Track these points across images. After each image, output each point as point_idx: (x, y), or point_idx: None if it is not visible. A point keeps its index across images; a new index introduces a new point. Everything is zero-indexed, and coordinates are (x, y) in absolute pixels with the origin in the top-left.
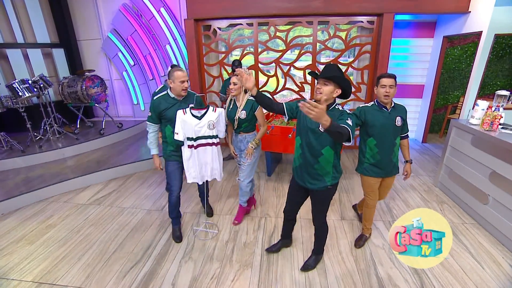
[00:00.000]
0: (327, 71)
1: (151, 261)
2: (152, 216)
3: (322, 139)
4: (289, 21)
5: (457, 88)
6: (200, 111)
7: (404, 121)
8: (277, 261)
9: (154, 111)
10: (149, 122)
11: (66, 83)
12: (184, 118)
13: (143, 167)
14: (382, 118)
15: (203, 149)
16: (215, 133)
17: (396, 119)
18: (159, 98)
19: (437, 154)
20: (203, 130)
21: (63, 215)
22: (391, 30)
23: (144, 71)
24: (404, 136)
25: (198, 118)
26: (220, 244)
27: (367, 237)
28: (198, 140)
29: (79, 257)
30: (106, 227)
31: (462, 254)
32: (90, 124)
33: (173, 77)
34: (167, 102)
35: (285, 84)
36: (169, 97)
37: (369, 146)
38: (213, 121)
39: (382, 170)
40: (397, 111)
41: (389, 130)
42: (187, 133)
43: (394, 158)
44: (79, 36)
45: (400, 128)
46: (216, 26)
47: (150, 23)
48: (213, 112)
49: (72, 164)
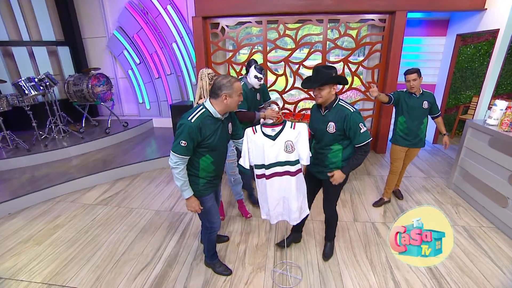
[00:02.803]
0: (317, 78)
1: (161, 263)
2: (161, 217)
3: (330, 138)
4: (299, 19)
5: (470, 88)
6: (273, 129)
7: (432, 104)
8: (291, 267)
9: (192, 138)
10: (180, 155)
11: (72, 82)
12: (254, 138)
13: (150, 167)
14: (411, 102)
15: (279, 180)
16: (294, 157)
17: (423, 102)
18: (198, 118)
19: (449, 155)
20: (279, 153)
21: (70, 215)
22: (404, 29)
23: (150, 70)
24: (436, 116)
25: (271, 138)
26: (232, 246)
27: (384, 200)
28: (273, 168)
29: (88, 258)
30: (114, 227)
31: (482, 259)
32: (95, 123)
33: (232, 89)
34: (212, 124)
35: (294, 83)
36: (212, 117)
37: (400, 122)
38: (292, 142)
39: (408, 142)
40: (425, 96)
41: (416, 111)
42: (257, 159)
43: (421, 134)
44: (84, 34)
45: (427, 110)
46: (224, 24)
47: (156, 20)
48: (291, 129)
49: (77, 164)
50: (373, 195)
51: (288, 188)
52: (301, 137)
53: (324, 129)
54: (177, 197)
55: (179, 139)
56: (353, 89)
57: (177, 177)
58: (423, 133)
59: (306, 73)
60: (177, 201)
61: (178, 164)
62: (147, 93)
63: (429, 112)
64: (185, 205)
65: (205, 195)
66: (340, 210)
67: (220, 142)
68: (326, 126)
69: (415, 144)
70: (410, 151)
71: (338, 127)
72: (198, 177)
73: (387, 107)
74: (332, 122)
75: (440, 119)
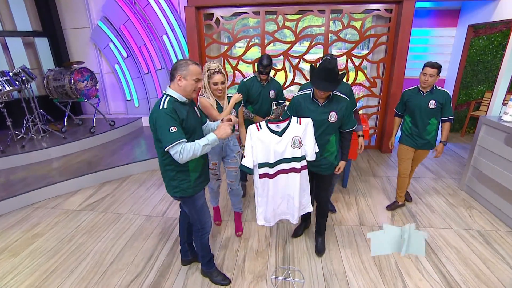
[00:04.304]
0: (331, 78)
1: (154, 273)
2: (152, 223)
3: (331, 128)
4: (299, 9)
5: (482, 83)
6: (278, 125)
7: (443, 105)
8: (293, 272)
9: (175, 119)
10: (177, 140)
11: (52, 76)
12: (260, 135)
13: (139, 169)
14: (415, 100)
15: (285, 177)
16: (300, 153)
17: (429, 102)
18: (168, 104)
19: (460, 154)
20: (286, 150)
21: (51, 222)
22: (411, 19)
23: (138, 64)
24: (445, 120)
25: (278, 134)
26: (230, 253)
27: (398, 203)
28: (279, 165)
29: (71, 270)
30: (101, 235)
31: (500, 266)
32: (79, 122)
33: (187, 70)
34: (182, 108)
35: (294, 78)
36: (179, 101)
37: (406, 120)
38: (299, 137)
39: (413, 142)
40: (433, 95)
41: (421, 110)
42: (262, 157)
43: (427, 136)
44: (65, 24)
45: (434, 110)
46: (219, 15)
47: (145, 11)
48: (297, 124)
49: (59, 166)
50: (380, 197)
51: (293, 185)
52: (308, 132)
53: (325, 120)
54: (169, 201)
55: (166, 128)
56: (357, 84)
57: (195, 152)
58: (430, 134)
59: (306, 67)
60: (170, 206)
61: (182, 149)
62: (136, 89)
63: (440, 113)
64: (178, 211)
65: (197, 192)
66: (345, 213)
67: (196, 124)
68: (327, 116)
69: (422, 146)
70: (418, 153)
71: (339, 116)
72: (188, 170)
73: (393, 105)
74: (333, 112)
75: (447, 125)
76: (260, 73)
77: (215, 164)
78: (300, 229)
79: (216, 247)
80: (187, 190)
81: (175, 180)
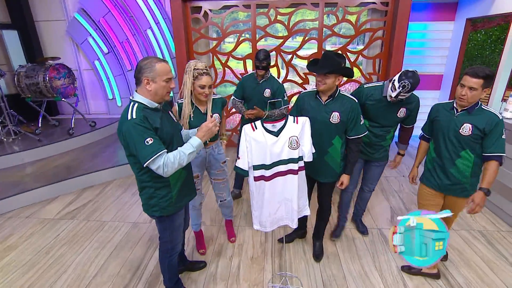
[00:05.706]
0: (326, 64)
1: (142, 284)
2: (139, 230)
3: (332, 129)
4: (292, 2)
5: None
6: (274, 125)
7: (485, 132)
8: (291, 279)
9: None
10: (157, 153)
11: (24, 73)
12: (255, 136)
13: (123, 173)
14: (445, 120)
15: (283, 180)
16: (298, 154)
17: (463, 125)
18: (137, 112)
19: None
20: (282, 150)
21: (26, 233)
22: (408, 13)
23: (120, 60)
24: (489, 156)
25: (274, 135)
26: (224, 260)
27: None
28: (275, 167)
29: (50, 284)
30: (83, 245)
31: (503, 267)
32: (55, 123)
33: (154, 71)
34: (154, 115)
35: (286, 75)
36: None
37: (430, 149)
38: (297, 137)
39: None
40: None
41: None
42: (258, 159)
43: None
44: (37, 16)
45: (467, 138)
46: (207, 8)
47: (126, 3)
48: (294, 123)
49: (34, 171)
50: (378, 199)
51: (291, 188)
52: (305, 131)
53: (326, 119)
54: None
55: (141, 141)
56: (352, 81)
57: (181, 162)
58: (462, 174)
59: (299, 63)
60: None
61: (165, 162)
62: (118, 87)
63: (481, 145)
64: None
65: (178, 211)
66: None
67: (174, 131)
68: (329, 116)
69: (448, 189)
70: (449, 200)
71: (342, 118)
72: (169, 186)
73: None
74: (336, 112)
75: (493, 166)
76: (256, 67)
77: (198, 177)
78: (290, 236)
79: (208, 254)
80: (167, 208)
81: (154, 198)
